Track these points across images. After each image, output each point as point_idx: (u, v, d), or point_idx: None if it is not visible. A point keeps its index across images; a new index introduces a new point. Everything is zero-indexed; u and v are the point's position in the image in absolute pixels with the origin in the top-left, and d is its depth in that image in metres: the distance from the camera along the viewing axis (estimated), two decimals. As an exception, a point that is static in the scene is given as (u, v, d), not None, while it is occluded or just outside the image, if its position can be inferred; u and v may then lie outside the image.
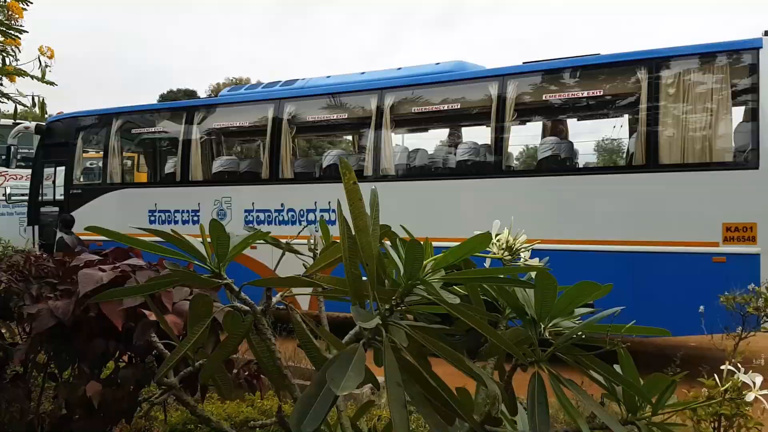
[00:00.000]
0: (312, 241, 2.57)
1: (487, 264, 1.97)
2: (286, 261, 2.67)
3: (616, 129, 10.93)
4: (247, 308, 1.85)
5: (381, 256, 1.91)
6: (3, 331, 3.01)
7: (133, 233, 1.89)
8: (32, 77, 4.19)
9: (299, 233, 2.42)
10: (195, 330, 1.78)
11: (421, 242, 1.95)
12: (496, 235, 1.93)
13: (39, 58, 4.12)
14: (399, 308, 1.81)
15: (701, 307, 5.54)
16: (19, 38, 3.51)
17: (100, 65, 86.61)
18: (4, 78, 3.77)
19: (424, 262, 1.78)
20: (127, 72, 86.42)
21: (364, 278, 1.79)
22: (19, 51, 3.70)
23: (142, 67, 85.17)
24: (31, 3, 3.33)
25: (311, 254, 2.52)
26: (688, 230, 7.19)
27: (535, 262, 1.89)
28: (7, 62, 3.93)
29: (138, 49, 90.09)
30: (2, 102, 3.96)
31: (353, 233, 1.76)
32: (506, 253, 1.90)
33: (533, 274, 1.88)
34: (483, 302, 1.98)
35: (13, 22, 3.34)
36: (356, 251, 1.70)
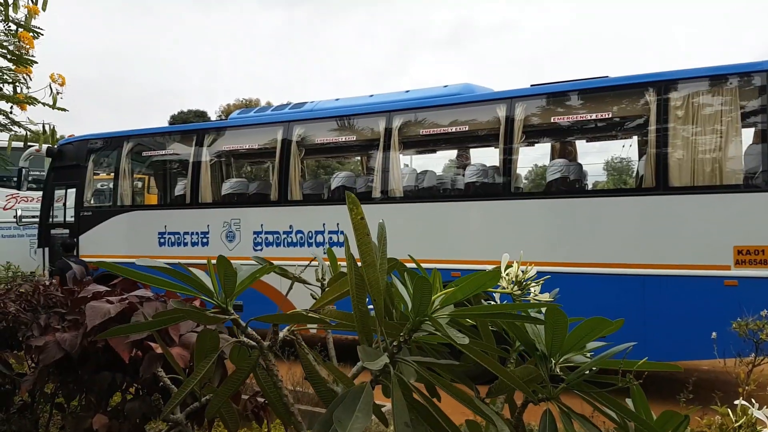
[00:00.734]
0: (320, 270, 2.56)
1: (496, 298, 1.95)
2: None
3: (625, 151, 10.91)
4: (254, 343, 1.84)
5: (389, 286, 1.90)
6: (11, 361, 3.01)
7: (143, 260, 1.88)
8: (43, 104, 4.23)
9: (308, 265, 2.41)
10: (201, 366, 1.77)
11: (430, 273, 1.92)
12: (506, 268, 1.92)
13: (50, 85, 4.17)
14: (407, 344, 1.79)
15: (714, 334, 5.47)
16: (31, 67, 3.55)
17: (111, 86, 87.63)
18: (15, 106, 3.80)
19: (433, 297, 1.77)
20: (139, 93, 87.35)
21: (370, 307, 1.78)
22: (30, 79, 3.74)
23: (153, 88, 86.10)
24: (42, 34, 3.38)
25: (319, 284, 2.51)
26: (700, 253, 7.13)
27: (545, 297, 1.87)
28: (19, 90, 3.96)
29: (149, 69, 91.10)
30: (13, 130, 4.00)
31: (360, 266, 1.75)
32: (516, 288, 1.88)
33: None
34: (492, 334, 1.96)
35: (24, 51, 3.38)
36: (364, 288, 1.69)
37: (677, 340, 7.29)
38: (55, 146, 11.83)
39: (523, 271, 1.91)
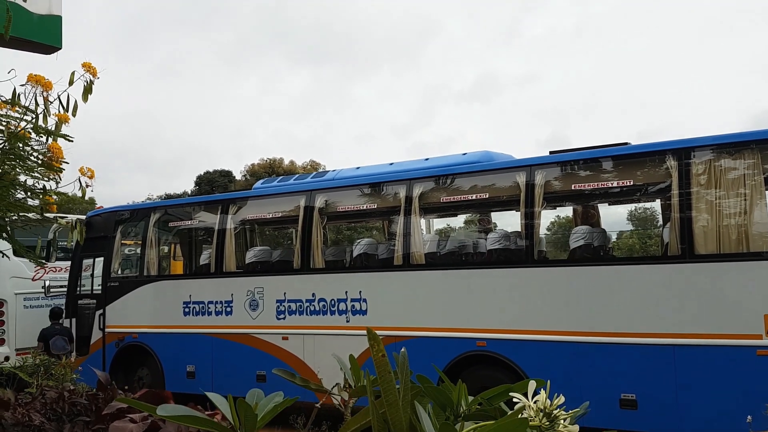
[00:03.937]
0: (342, 378, 2.55)
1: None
2: (321, 348, 2.66)
3: (649, 219, 10.84)
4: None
5: (414, 414, 1.88)
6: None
7: (164, 407, 1.89)
8: (72, 198, 4.34)
9: (335, 386, 2.40)
10: None
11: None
12: (534, 398, 1.88)
13: (79, 179, 4.29)
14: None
15: (749, 418, 5.29)
16: (60, 173, 3.68)
17: (141, 146, 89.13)
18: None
19: (457, 434, 1.75)
20: (168, 152, 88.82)
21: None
22: (60, 179, 3.85)
23: (182, 147, 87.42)
24: (72, 140, 3.50)
25: (339, 395, 2.49)
26: (730, 322, 6.95)
27: (576, 429, 1.82)
28: (49, 187, 4.08)
29: (178, 129, 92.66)
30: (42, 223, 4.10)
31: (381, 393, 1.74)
32: (545, 419, 1.84)
33: None
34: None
35: (54, 159, 3.50)
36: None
37: (711, 412, 7.05)
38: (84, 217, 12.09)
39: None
